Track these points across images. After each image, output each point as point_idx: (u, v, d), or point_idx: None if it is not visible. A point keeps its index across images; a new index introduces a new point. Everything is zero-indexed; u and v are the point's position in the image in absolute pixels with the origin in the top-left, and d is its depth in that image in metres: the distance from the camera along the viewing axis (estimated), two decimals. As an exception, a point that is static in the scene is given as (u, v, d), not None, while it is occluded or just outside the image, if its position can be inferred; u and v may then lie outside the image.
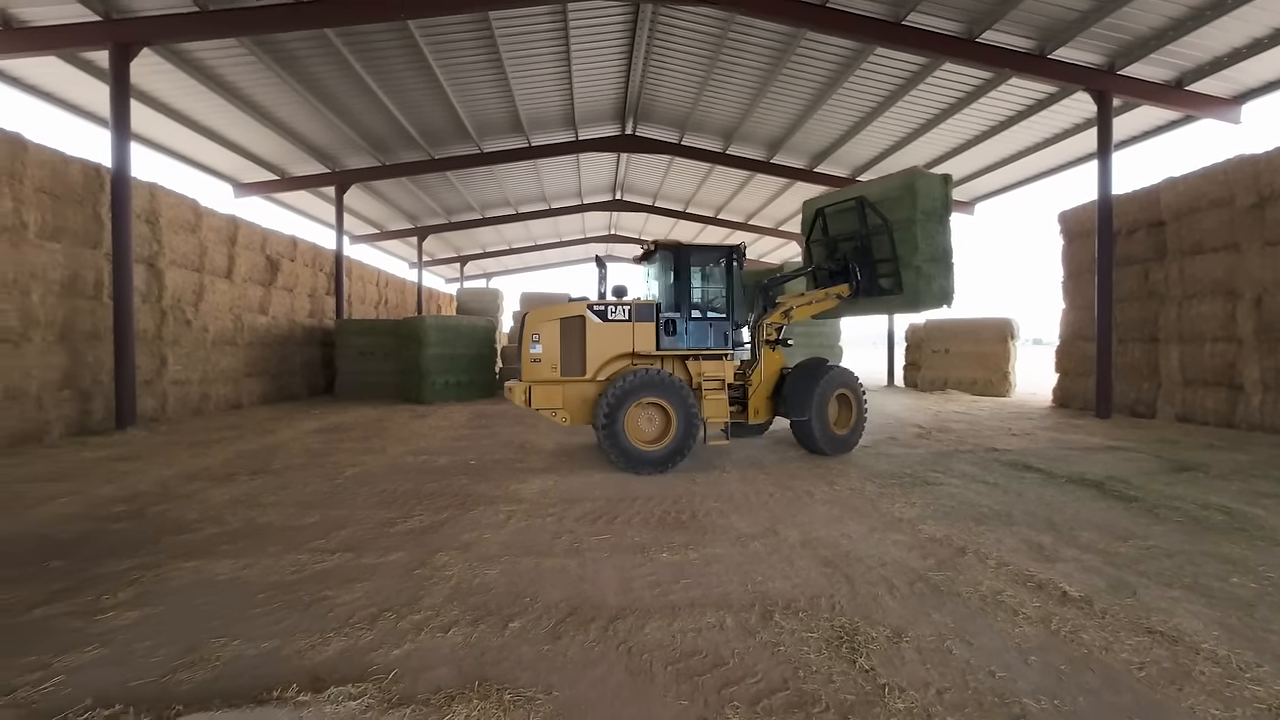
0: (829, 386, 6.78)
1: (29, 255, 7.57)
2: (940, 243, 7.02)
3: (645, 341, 6.35)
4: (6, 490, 5.11)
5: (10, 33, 8.08)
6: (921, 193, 6.91)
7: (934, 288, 6.96)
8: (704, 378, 6.47)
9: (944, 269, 7.06)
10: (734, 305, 6.71)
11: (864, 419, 7.12)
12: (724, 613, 2.83)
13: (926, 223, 6.88)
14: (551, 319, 6.28)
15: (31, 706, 2.08)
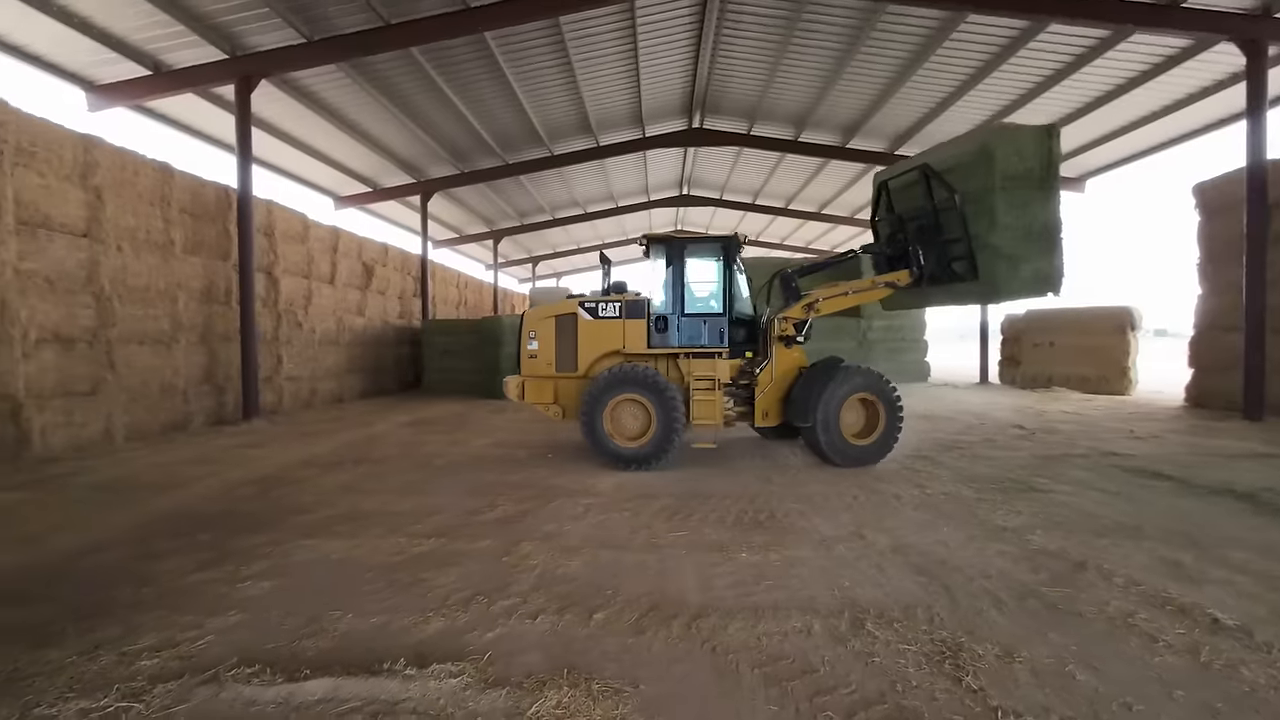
0: (841, 390, 5.94)
1: (176, 268, 8.72)
2: (1036, 215, 5.73)
3: (635, 339, 6.26)
4: (165, 472, 5.93)
5: (160, 77, 9.32)
6: (1001, 154, 5.74)
7: (1022, 272, 5.75)
8: (693, 377, 6.17)
9: (1041, 248, 5.77)
10: (730, 300, 6.33)
11: (896, 428, 6.06)
12: (810, 617, 2.73)
13: (1012, 190, 5.71)
14: (547, 316, 6.43)
15: (191, 660, 2.39)
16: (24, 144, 6.68)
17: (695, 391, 6.13)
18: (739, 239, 6.39)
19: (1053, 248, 5.87)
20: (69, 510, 4.54)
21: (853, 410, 6.13)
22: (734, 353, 6.41)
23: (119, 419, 7.60)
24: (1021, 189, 5.76)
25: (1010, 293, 6.06)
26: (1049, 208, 5.84)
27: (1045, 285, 5.94)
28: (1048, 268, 5.88)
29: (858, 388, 6.06)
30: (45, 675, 2.27)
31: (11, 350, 6.43)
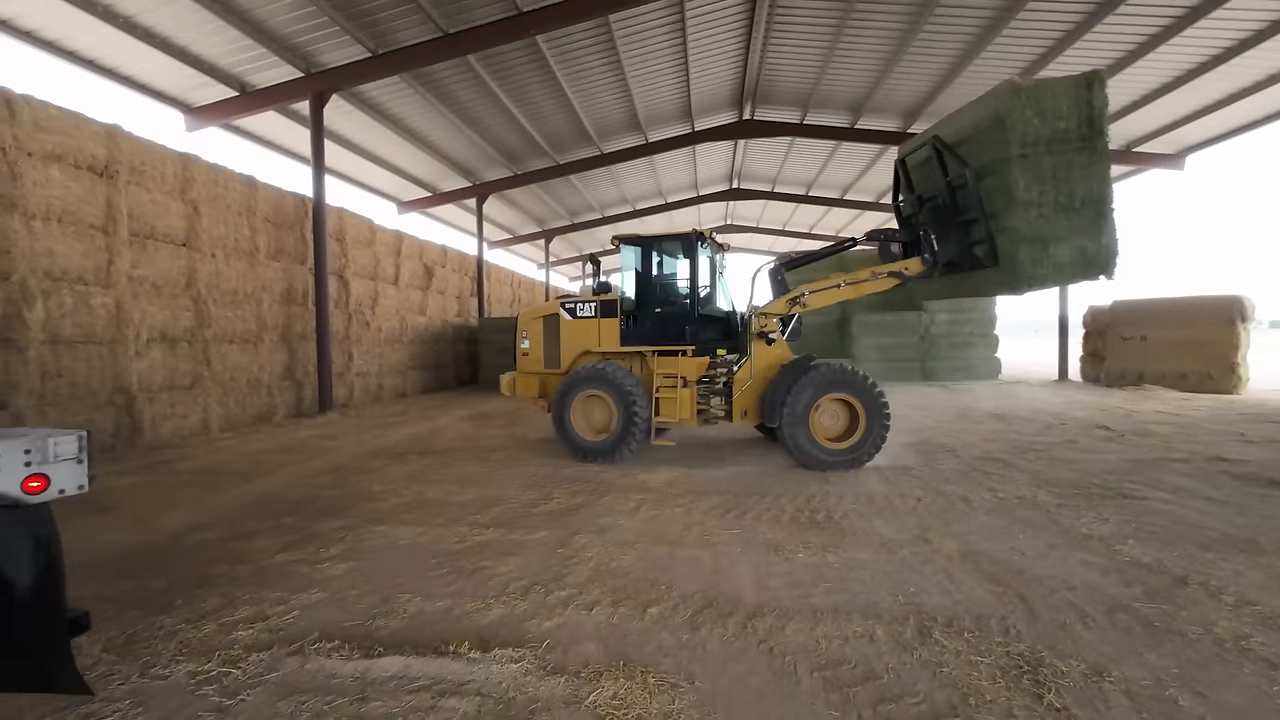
0: (811, 389, 5.56)
1: (260, 272, 9.47)
2: (1076, 184, 4.82)
3: (610, 337, 6.36)
4: (252, 460, 6.47)
5: (245, 97, 10.13)
6: (1016, 118, 4.85)
7: (1057, 254, 4.88)
8: (657, 374, 6.11)
9: (1085, 224, 4.85)
10: (695, 297, 6.20)
11: (880, 431, 5.55)
12: (873, 622, 2.63)
13: (1039, 158, 4.85)
14: (536, 317, 6.79)
15: (279, 633, 2.60)
16: (135, 164, 7.44)
17: (661, 389, 6.05)
18: (704, 233, 6.24)
19: (1101, 222, 4.91)
20: (174, 493, 5.04)
21: (830, 412, 5.77)
22: (704, 350, 6.27)
23: (214, 411, 8.35)
24: (1053, 155, 4.90)
25: (1037, 279, 5.10)
26: (1094, 173, 4.89)
27: (1092, 268, 4.98)
28: (1094, 247, 4.91)
29: (829, 388, 5.64)
30: (159, 639, 2.53)
31: (126, 349, 7.20)
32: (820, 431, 5.71)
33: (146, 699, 2.11)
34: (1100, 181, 4.94)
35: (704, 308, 6.41)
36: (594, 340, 6.47)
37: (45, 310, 6.30)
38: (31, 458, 1.77)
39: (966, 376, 15.36)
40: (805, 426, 5.61)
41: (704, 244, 6.29)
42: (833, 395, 5.69)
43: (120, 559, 3.50)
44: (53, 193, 6.48)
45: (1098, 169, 4.93)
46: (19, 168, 6.13)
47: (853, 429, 5.72)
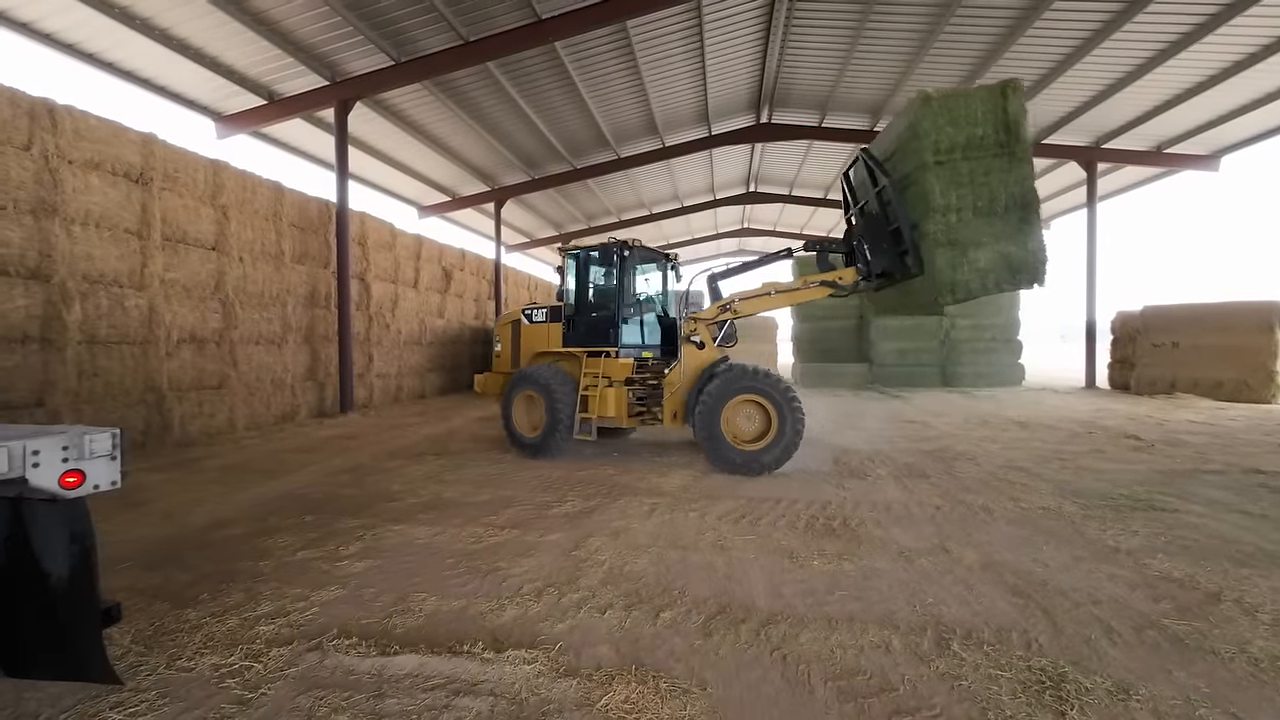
0: (721, 390, 5.67)
1: (286, 276, 9.71)
2: (998, 188, 4.91)
3: (555, 340, 6.91)
4: (276, 459, 6.63)
5: (273, 105, 10.42)
6: (929, 126, 5.00)
7: (978, 260, 4.89)
8: (584, 374, 6.43)
9: (1009, 229, 4.90)
10: (620, 303, 6.54)
11: (793, 434, 5.55)
12: (889, 632, 2.59)
13: (956, 164, 4.97)
14: (505, 323, 7.54)
15: (300, 628, 2.66)
16: (169, 170, 7.70)
17: (587, 389, 6.36)
18: (629, 243, 6.57)
19: (1025, 227, 4.98)
20: (201, 490, 5.19)
21: (746, 414, 5.81)
22: (627, 352, 6.58)
23: (240, 410, 8.58)
24: (970, 160, 5.02)
25: (960, 286, 5.14)
26: (1014, 178, 4.98)
27: (1019, 274, 5.03)
28: (1019, 252, 4.96)
29: (739, 389, 5.70)
30: (184, 632, 2.61)
31: (158, 349, 7.44)
32: (735, 433, 5.79)
33: (173, 690, 2.18)
34: (1021, 186, 5.02)
35: (633, 313, 6.82)
36: (545, 343, 7.02)
37: (82, 311, 6.55)
38: (69, 454, 1.84)
39: (988, 383, 15.05)
40: (717, 427, 5.70)
41: (627, 254, 6.59)
42: (744, 397, 5.75)
43: (149, 553, 3.61)
44: (91, 199, 6.74)
45: (1018, 174, 5.02)
46: (60, 175, 6.39)
47: (766, 431, 5.75)
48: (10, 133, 6.05)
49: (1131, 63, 10.69)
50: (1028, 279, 5.08)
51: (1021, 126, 5.01)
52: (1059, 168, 16.11)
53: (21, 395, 6.01)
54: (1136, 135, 13.55)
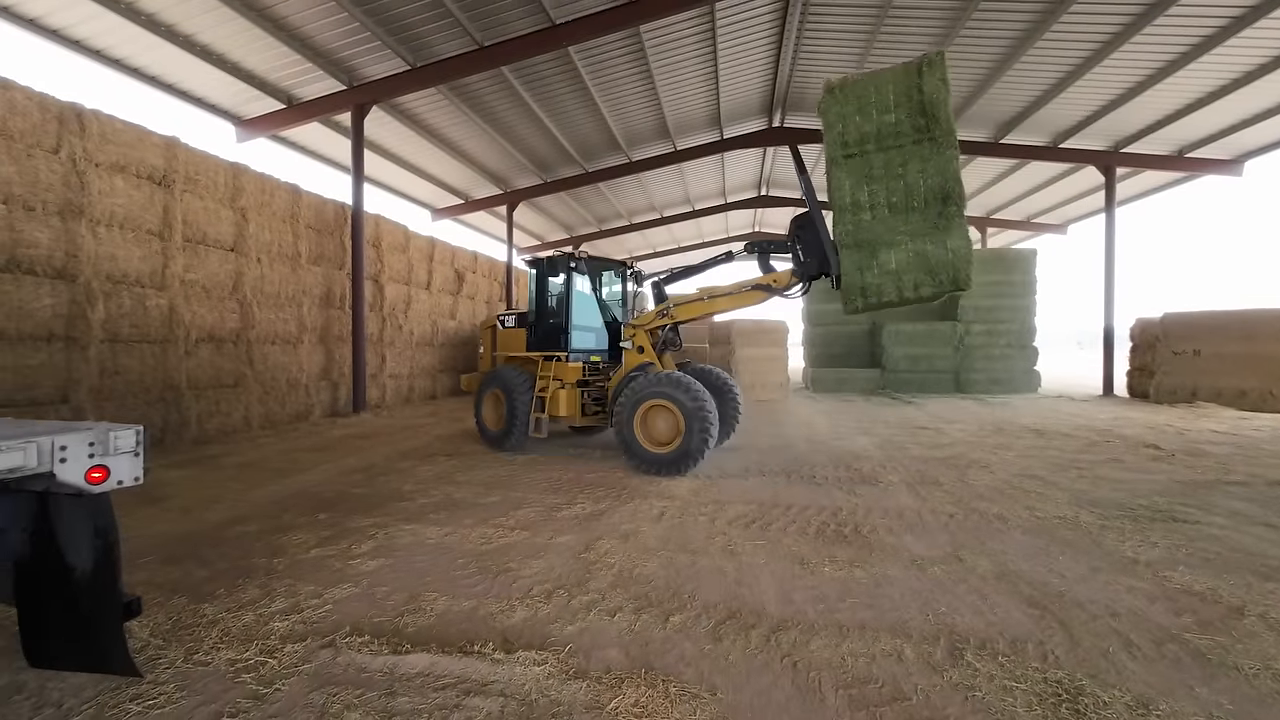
0: (633, 396, 5.84)
1: (302, 277, 9.86)
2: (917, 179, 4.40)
3: (521, 344, 7.44)
4: (290, 457, 6.72)
5: (292, 109, 10.61)
6: (835, 116, 4.58)
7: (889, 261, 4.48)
8: (540, 376, 6.92)
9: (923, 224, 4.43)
10: (568, 310, 6.98)
11: (698, 439, 5.58)
12: (901, 641, 2.56)
13: (868, 156, 4.52)
14: (487, 326, 8.22)
15: (313, 625, 2.69)
16: (191, 173, 7.87)
17: (540, 389, 6.84)
18: (576, 254, 7.01)
19: (946, 223, 4.43)
20: (218, 487, 5.27)
21: (663, 416, 5.85)
22: (577, 356, 7.02)
23: (255, 409, 8.71)
24: (885, 151, 4.52)
25: (870, 291, 4.75)
26: (934, 167, 4.43)
27: (939, 277, 4.52)
28: (938, 251, 4.44)
29: (651, 394, 5.80)
30: (202, 627, 2.65)
31: (177, 348, 7.58)
32: (651, 435, 5.90)
33: (190, 683, 2.21)
34: (942, 176, 4.46)
35: (583, 320, 7.19)
36: (514, 346, 7.58)
37: (106, 311, 6.70)
38: (94, 450, 1.89)
39: (1003, 390, 14.84)
40: (629, 429, 5.86)
41: (574, 264, 6.97)
42: (654, 401, 5.84)
43: (168, 548, 3.68)
44: (116, 201, 6.90)
45: (938, 163, 4.47)
46: (87, 177, 6.56)
47: (672, 435, 5.82)
48: (40, 136, 6.22)
49: (1152, 66, 10.53)
50: (949, 281, 4.56)
51: (942, 107, 4.40)
52: (1076, 172, 15.90)
53: (47, 392, 6.16)
54: (1157, 139, 13.34)
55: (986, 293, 14.95)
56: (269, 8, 8.31)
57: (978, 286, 15.49)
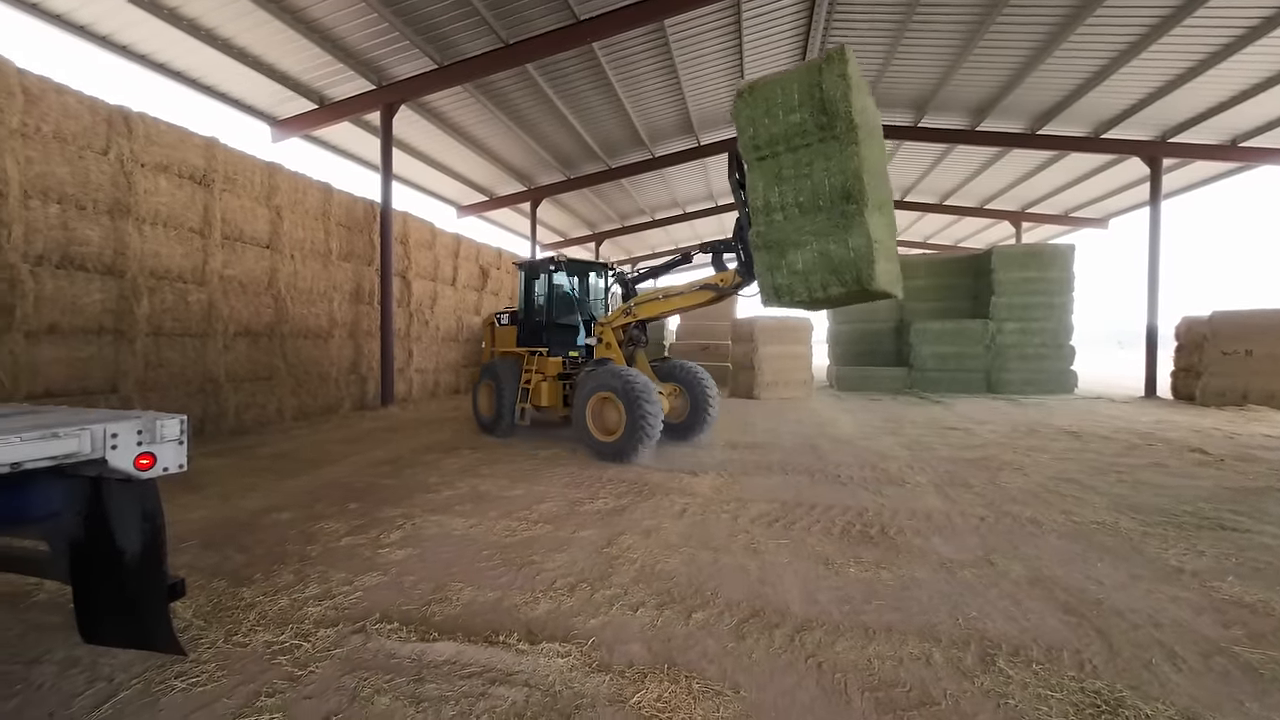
0: (584, 388, 6.37)
1: (333, 273, 10.12)
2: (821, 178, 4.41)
3: (512, 340, 8.15)
4: (321, 449, 6.92)
5: (324, 109, 10.87)
6: (745, 119, 4.66)
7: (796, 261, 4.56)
8: (524, 370, 7.57)
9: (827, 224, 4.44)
10: (549, 310, 7.74)
11: (637, 427, 5.94)
12: (929, 645, 2.50)
13: (775, 159, 4.61)
14: (488, 324, 8.85)
15: (345, 611, 2.77)
16: (229, 173, 8.14)
17: (528, 381, 7.49)
18: (555, 259, 7.67)
19: (846, 221, 4.40)
20: (254, 476, 5.46)
21: (599, 408, 6.33)
22: (556, 351, 7.64)
23: (288, 401, 8.99)
24: (794, 151, 4.56)
25: (782, 292, 4.84)
26: (836, 166, 4.40)
27: (844, 276, 4.49)
28: (840, 250, 4.41)
29: (598, 387, 6.27)
30: (240, 609, 2.75)
31: (215, 342, 7.87)
32: (603, 424, 6.34)
33: (230, 663, 2.30)
34: (843, 173, 4.40)
35: (562, 318, 7.84)
36: (508, 342, 8.25)
37: (150, 306, 7.00)
38: (142, 437, 1.97)
39: (1037, 390, 14.37)
40: (583, 419, 6.38)
41: (553, 267, 7.66)
42: (601, 394, 6.29)
43: (208, 533, 3.83)
44: (160, 200, 7.19)
45: (840, 160, 4.42)
46: (133, 177, 6.84)
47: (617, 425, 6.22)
48: (91, 139, 6.51)
49: (1205, 50, 10.00)
50: (853, 281, 4.50)
51: (841, 104, 4.32)
52: (1120, 163, 15.23)
53: (97, 382, 6.46)
54: (1208, 128, 12.67)
55: (1021, 289, 14.48)
56: (303, 9, 8.53)
57: (1011, 283, 15.05)
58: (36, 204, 5.99)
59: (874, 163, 4.82)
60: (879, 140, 5.29)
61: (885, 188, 5.24)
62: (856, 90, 4.43)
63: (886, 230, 5.03)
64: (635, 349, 7.17)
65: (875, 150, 4.97)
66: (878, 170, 4.94)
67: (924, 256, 17.38)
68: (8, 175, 5.70)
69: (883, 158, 5.34)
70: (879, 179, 4.93)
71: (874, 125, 5.09)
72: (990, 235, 24.34)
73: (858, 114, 4.37)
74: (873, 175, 4.66)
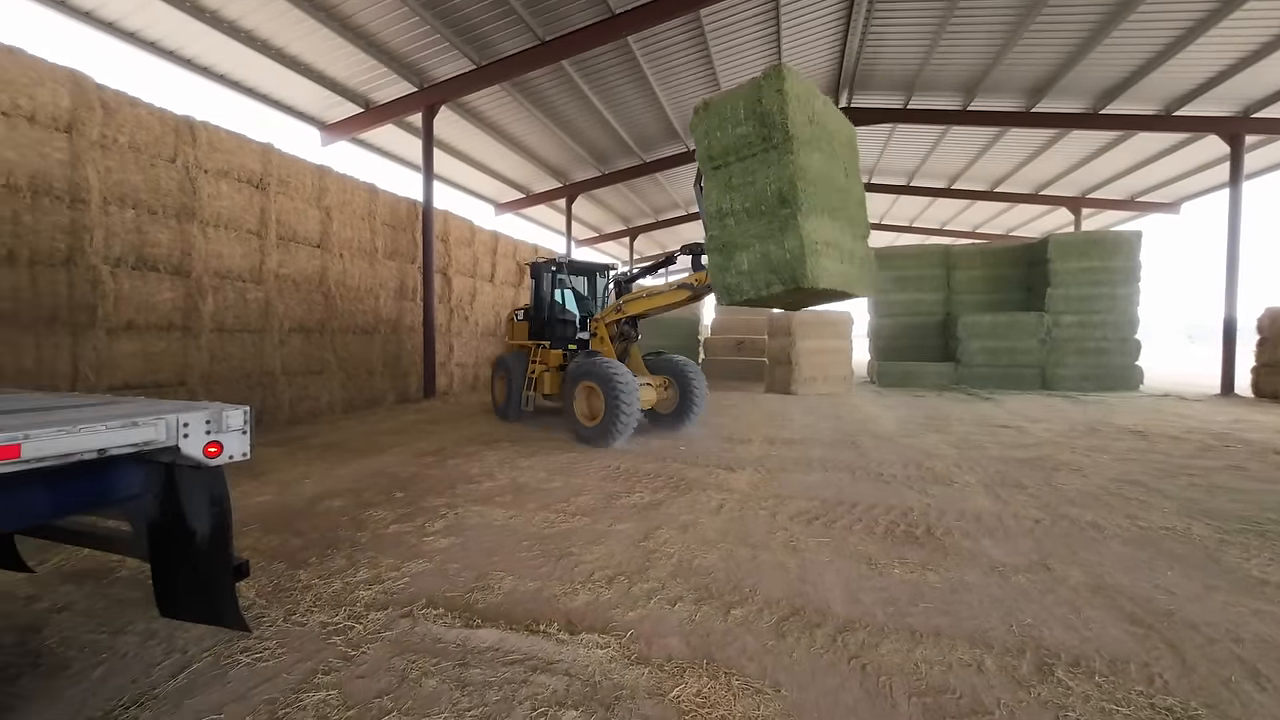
0: (572, 378, 7.00)
1: (378, 271, 10.51)
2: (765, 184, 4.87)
3: (525, 334, 8.90)
4: (369, 439, 7.21)
5: (369, 113, 11.27)
6: (700, 133, 5.23)
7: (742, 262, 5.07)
8: (531, 362, 8.43)
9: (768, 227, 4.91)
10: (550, 306, 8.49)
11: (614, 413, 6.43)
12: (981, 651, 2.40)
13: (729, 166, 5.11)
14: (508, 320, 9.62)
15: (393, 595, 2.88)
16: (283, 176, 8.55)
17: (533, 372, 8.31)
18: (554, 262, 8.50)
19: (780, 224, 4.86)
20: (308, 465, 5.75)
21: (583, 397, 6.94)
22: (557, 345, 8.29)
23: (337, 394, 9.41)
24: (742, 161, 5.05)
25: (734, 290, 5.32)
26: (775, 174, 4.85)
27: (782, 274, 4.89)
28: (778, 251, 4.88)
29: (582, 376, 6.85)
30: (298, 591, 2.90)
31: (271, 338, 8.30)
32: (589, 411, 6.90)
33: (289, 641, 2.44)
34: (780, 180, 4.84)
35: (563, 314, 8.54)
36: (521, 336, 8.99)
37: (214, 303, 7.44)
38: (210, 427, 2.10)
39: (1097, 387, 13.56)
40: (570, 405, 7.00)
41: (555, 268, 8.46)
42: (585, 383, 6.87)
43: (267, 518, 4.06)
44: (221, 203, 7.62)
45: (778, 168, 4.85)
46: (198, 183, 7.28)
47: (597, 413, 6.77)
48: (160, 148, 6.95)
49: None
50: (790, 279, 4.91)
51: (778, 116, 4.77)
52: (1194, 142, 14.13)
53: (167, 376, 6.93)
54: (1298, 101, 11.59)
55: (1080, 280, 13.67)
56: (350, 16, 8.85)
57: (1070, 274, 14.26)
58: (114, 210, 6.45)
59: (823, 169, 5.17)
60: (840, 146, 5.60)
61: (847, 192, 5.60)
62: (799, 103, 4.88)
63: (843, 232, 5.42)
64: (628, 343, 7.75)
65: (827, 157, 5.29)
66: (828, 176, 5.27)
67: (973, 246, 16.61)
68: (90, 184, 6.16)
69: (842, 163, 5.60)
70: (830, 184, 5.26)
71: (831, 133, 5.42)
72: (1044, 223, 23.05)
73: (797, 126, 4.80)
74: (821, 181, 5.07)
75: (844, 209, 5.48)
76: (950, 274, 16.09)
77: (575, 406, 6.96)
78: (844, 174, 5.56)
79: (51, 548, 3.28)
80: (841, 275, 5.26)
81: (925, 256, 16.31)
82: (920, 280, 16.20)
